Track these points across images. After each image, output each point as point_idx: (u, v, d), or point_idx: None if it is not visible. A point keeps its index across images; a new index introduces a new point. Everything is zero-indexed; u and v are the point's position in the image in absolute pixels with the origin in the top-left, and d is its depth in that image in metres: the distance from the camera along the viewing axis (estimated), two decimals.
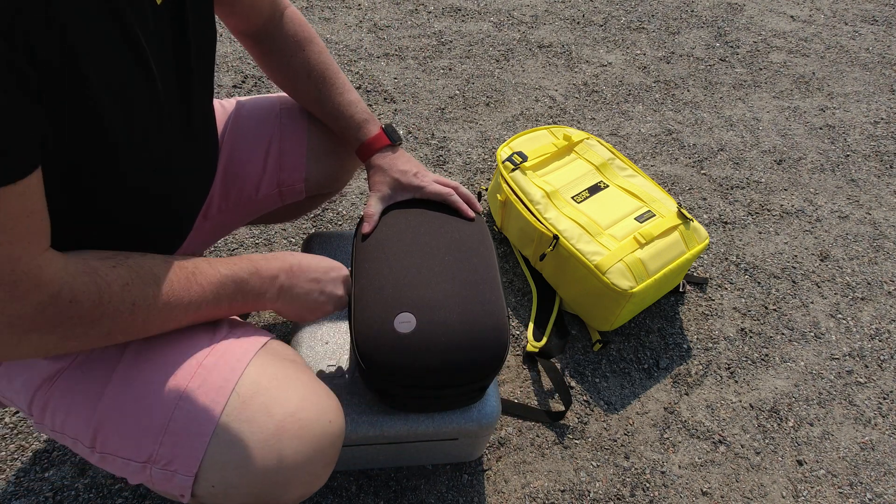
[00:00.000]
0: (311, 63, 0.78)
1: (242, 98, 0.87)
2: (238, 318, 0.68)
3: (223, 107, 0.85)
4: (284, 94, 0.87)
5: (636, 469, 1.00)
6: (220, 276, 0.58)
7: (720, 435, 1.05)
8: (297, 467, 0.57)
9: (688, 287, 1.28)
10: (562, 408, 1.05)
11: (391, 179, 0.80)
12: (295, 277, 0.65)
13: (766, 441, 1.05)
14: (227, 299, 0.59)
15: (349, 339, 0.87)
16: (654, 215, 1.12)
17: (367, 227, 0.79)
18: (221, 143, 0.82)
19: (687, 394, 1.10)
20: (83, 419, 0.57)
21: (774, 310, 1.26)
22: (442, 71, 1.79)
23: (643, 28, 2.07)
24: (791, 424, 1.08)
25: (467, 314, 0.71)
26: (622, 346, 1.17)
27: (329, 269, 0.70)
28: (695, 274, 1.31)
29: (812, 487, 1.00)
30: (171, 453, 0.55)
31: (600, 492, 0.96)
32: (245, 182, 0.84)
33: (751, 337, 1.21)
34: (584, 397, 1.08)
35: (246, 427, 0.55)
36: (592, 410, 1.07)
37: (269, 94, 0.91)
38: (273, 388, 0.58)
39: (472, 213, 0.82)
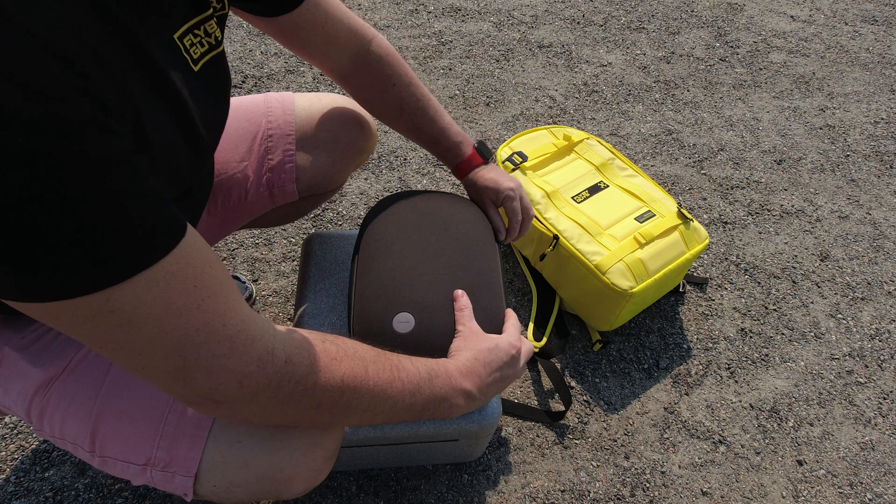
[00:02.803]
0: (401, 98, 0.80)
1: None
2: None
3: None
4: (271, 92, 0.86)
5: (636, 469, 1.00)
6: (419, 375, 0.57)
7: (720, 435, 1.05)
8: (298, 463, 0.56)
9: (688, 287, 1.28)
10: (562, 408, 1.05)
11: (480, 189, 0.86)
12: (482, 382, 0.64)
13: (766, 441, 1.05)
14: (420, 402, 0.57)
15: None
16: (654, 215, 1.12)
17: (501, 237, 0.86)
18: None
19: (687, 394, 1.10)
20: (80, 424, 0.57)
21: (774, 310, 1.26)
22: (442, 71, 1.79)
23: (643, 28, 2.07)
24: (791, 424, 1.08)
25: None
26: (622, 346, 1.17)
27: (507, 362, 0.67)
28: (695, 274, 1.31)
29: (812, 487, 1.00)
30: (169, 456, 0.55)
31: (600, 492, 0.96)
32: (232, 184, 0.83)
33: (751, 337, 1.21)
34: (584, 397, 1.08)
35: (244, 427, 0.55)
36: (592, 410, 1.07)
37: (256, 94, 0.89)
38: None
39: (502, 233, 0.86)
